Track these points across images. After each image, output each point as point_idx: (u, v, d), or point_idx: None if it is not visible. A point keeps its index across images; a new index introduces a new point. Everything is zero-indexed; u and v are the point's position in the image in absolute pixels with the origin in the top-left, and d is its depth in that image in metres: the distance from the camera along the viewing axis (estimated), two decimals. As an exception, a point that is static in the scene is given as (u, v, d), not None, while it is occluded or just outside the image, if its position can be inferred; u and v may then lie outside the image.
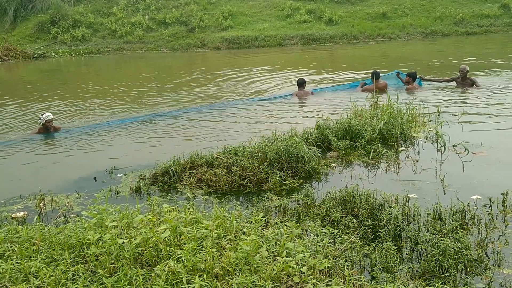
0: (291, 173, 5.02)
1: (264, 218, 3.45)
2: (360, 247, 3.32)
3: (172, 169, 5.16)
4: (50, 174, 5.96)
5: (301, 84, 9.48)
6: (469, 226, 3.71)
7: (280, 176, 4.87)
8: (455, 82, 9.64)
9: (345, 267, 2.94)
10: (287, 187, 4.81)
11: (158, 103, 9.96)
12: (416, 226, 3.71)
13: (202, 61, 18.50)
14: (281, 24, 22.78)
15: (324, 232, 3.34)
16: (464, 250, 3.14)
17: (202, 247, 2.93)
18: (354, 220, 3.74)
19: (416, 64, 13.08)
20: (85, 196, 4.93)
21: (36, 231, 3.37)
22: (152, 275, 2.70)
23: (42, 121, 7.59)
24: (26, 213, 4.54)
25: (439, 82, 9.96)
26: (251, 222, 3.38)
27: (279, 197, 4.55)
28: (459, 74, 9.49)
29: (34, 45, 22.11)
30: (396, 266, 3.12)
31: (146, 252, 2.93)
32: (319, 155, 5.41)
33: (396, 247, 3.34)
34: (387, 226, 3.58)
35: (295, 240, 3.11)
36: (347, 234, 3.49)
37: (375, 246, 3.35)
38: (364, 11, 23.26)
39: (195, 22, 23.00)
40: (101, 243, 2.95)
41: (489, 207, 4.03)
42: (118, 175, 5.53)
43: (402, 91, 9.38)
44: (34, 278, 2.74)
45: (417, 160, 5.50)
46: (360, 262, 3.21)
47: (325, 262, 2.81)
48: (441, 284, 2.73)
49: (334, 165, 5.44)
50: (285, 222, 3.51)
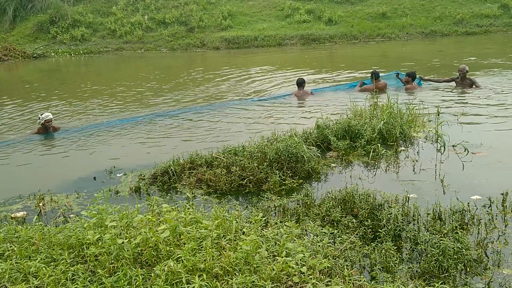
0: (290, 173, 5.02)
1: (263, 218, 3.45)
2: (360, 247, 3.32)
3: (171, 169, 5.16)
4: (49, 174, 5.95)
5: (300, 84, 9.48)
6: (468, 226, 3.71)
7: (279, 176, 4.87)
8: (454, 82, 9.65)
9: (345, 267, 2.94)
10: (286, 187, 4.81)
11: (157, 103, 9.95)
12: (416, 226, 3.71)
13: (202, 61, 18.50)
14: (280, 24, 22.79)
15: (324, 232, 3.34)
16: (463, 250, 3.14)
17: (201, 247, 2.93)
18: (354, 220, 3.73)
19: (416, 64, 13.09)
20: (84, 196, 4.92)
21: (35, 231, 3.36)
22: (152, 275, 2.69)
23: (41, 121, 7.57)
24: (25, 213, 4.54)
25: (438, 82, 9.97)
26: (250, 222, 3.38)
27: (278, 197, 4.55)
28: (458, 74, 9.50)
29: (33, 45, 22.09)
30: (395, 266, 3.12)
31: (146, 252, 2.92)
32: (319, 155, 5.41)
33: (395, 247, 3.34)
34: (387, 226, 3.58)
35: (294, 240, 3.11)
36: (347, 234, 3.49)
37: (374, 246, 3.35)
38: (363, 11, 23.28)
39: (195, 22, 23.00)
40: (100, 243, 2.95)
41: (488, 207, 4.04)
42: (118, 175, 5.53)
43: (401, 91, 9.39)
44: (33, 278, 2.73)
45: (416, 160, 5.50)
46: (359, 262, 3.21)
47: (324, 262, 2.81)
48: (441, 284, 2.73)
49: (333, 165, 5.44)
50: (285, 222, 3.51)
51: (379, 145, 5.70)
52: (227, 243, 3.03)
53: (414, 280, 3.00)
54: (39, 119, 7.62)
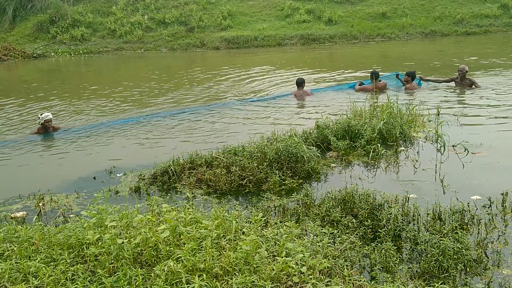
0: (290, 173, 5.02)
1: (263, 218, 3.45)
2: (360, 247, 3.32)
3: (171, 169, 5.16)
4: (49, 174, 5.95)
5: (300, 83, 9.47)
6: (468, 226, 3.71)
7: (279, 176, 4.87)
8: (454, 83, 9.65)
9: (345, 267, 2.94)
10: (286, 187, 4.81)
11: (157, 103, 9.94)
12: (416, 226, 3.71)
13: (202, 61, 18.49)
14: (280, 24, 22.78)
15: (324, 232, 3.34)
16: (463, 250, 3.14)
17: (201, 247, 2.93)
18: (354, 220, 3.73)
19: (416, 64, 13.09)
20: (84, 196, 4.92)
21: (35, 231, 3.36)
22: (152, 275, 2.69)
23: (41, 121, 7.55)
24: (25, 213, 4.54)
25: (438, 82, 9.97)
26: (250, 222, 3.37)
27: (278, 197, 4.55)
28: (458, 74, 9.50)
29: (33, 44, 22.08)
30: (395, 266, 3.12)
31: (146, 252, 2.92)
32: (319, 155, 5.41)
33: (395, 247, 3.34)
34: (387, 226, 3.58)
35: (294, 240, 3.11)
36: (347, 234, 3.49)
37: (374, 246, 3.35)
38: (363, 11, 23.27)
39: (195, 22, 22.99)
40: (100, 243, 2.94)
41: (488, 207, 4.04)
42: (118, 175, 5.53)
43: (401, 91, 9.39)
44: (33, 278, 2.73)
45: (416, 160, 5.50)
46: (359, 262, 3.21)
47: (324, 262, 2.81)
48: (441, 284, 2.73)
49: (333, 165, 5.44)
50: (285, 222, 3.51)
51: (379, 145, 5.70)
52: (227, 243, 3.03)
53: (414, 280, 3.00)
54: (38, 119, 7.61)
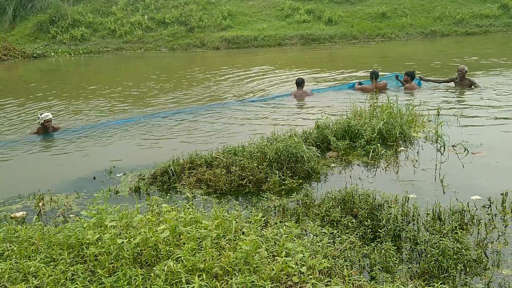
0: (290, 173, 5.02)
1: (263, 218, 3.45)
2: (360, 247, 3.32)
3: (171, 169, 5.16)
4: (49, 174, 5.95)
5: (299, 83, 9.46)
6: (468, 226, 3.71)
7: (279, 176, 4.87)
8: (453, 83, 9.65)
9: (345, 267, 2.94)
10: (286, 187, 4.81)
11: (157, 103, 9.94)
12: (416, 226, 3.71)
13: (202, 61, 18.49)
14: (280, 24, 22.78)
15: (324, 232, 3.34)
16: (463, 250, 3.14)
17: (201, 247, 2.93)
18: (354, 220, 3.73)
19: (416, 64, 13.09)
20: (84, 196, 4.92)
21: (35, 231, 3.36)
22: (152, 275, 2.69)
23: (41, 121, 7.54)
24: (25, 213, 4.54)
25: (438, 82, 9.97)
26: (250, 222, 3.38)
27: (278, 197, 4.55)
28: (457, 75, 9.50)
29: (33, 44, 22.08)
30: (395, 266, 3.12)
31: (146, 252, 2.92)
32: (319, 155, 5.41)
33: (395, 247, 3.34)
34: (387, 226, 3.58)
35: (294, 240, 3.11)
36: (347, 234, 3.49)
37: (374, 246, 3.35)
38: (363, 11, 23.28)
39: (195, 22, 22.99)
40: (100, 243, 2.94)
41: (488, 208, 4.04)
42: (118, 175, 5.53)
43: (401, 91, 9.40)
44: (33, 278, 2.73)
45: (416, 160, 5.50)
46: (359, 262, 3.21)
47: (324, 262, 2.81)
48: (441, 284, 2.73)
49: (333, 165, 5.44)
50: (285, 222, 3.51)
51: (378, 145, 5.70)
52: (226, 243, 3.03)
53: (413, 280, 3.00)
54: (38, 119, 7.60)
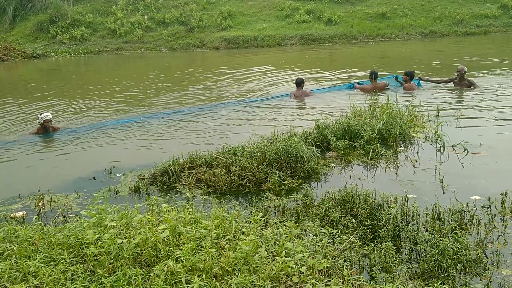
0: (290, 173, 5.02)
1: (263, 218, 3.45)
2: (359, 247, 3.32)
3: (171, 169, 5.16)
4: (49, 174, 5.95)
5: (299, 83, 9.46)
6: (468, 226, 3.72)
7: (279, 176, 4.87)
8: (452, 83, 9.66)
9: (344, 267, 2.94)
10: (286, 187, 4.81)
11: (157, 103, 9.95)
12: (415, 226, 3.71)
13: (202, 61, 18.49)
14: (280, 24, 22.79)
15: (323, 232, 3.34)
16: (463, 251, 3.14)
17: (201, 247, 2.93)
18: (353, 220, 3.74)
19: (416, 64, 13.09)
20: (84, 196, 4.92)
21: (35, 230, 3.37)
22: (151, 275, 2.69)
23: (41, 121, 7.53)
24: (25, 212, 4.54)
25: (437, 82, 9.98)
26: (250, 222, 3.38)
27: (278, 197, 4.55)
28: (456, 75, 9.50)
29: (33, 44, 22.08)
30: (395, 266, 3.12)
31: (145, 252, 2.92)
32: (318, 155, 5.41)
33: (395, 247, 3.34)
34: (386, 226, 3.58)
35: (294, 240, 3.11)
36: (346, 234, 3.49)
37: (374, 246, 3.35)
38: (363, 11, 23.28)
39: (195, 22, 22.99)
40: (100, 243, 2.95)
41: (488, 208, 4.04)
42: (117, 175, 5.53)
43: (400, 91, 9.40)
44: (33, 278, 2.73)
45: (416, 160, 5.50)
46: (359, 262, 3.21)
47: (324, 262, 2.81)
48: (440, 284, 2.73)
49: (333, 165, 5.44)
50: (284, 222, 3.51)
51: (378, 145, 5.70)
52: (226, 243, 3.03)
53: (413, 280, 3.00)
54: (38, 119, 7.59)
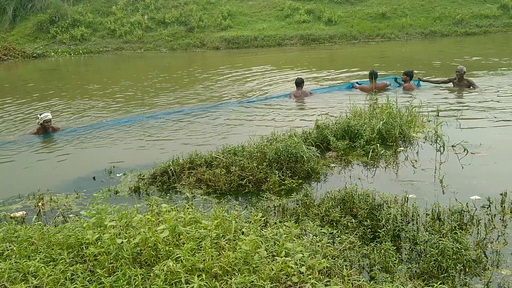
0: (290, 173, 5.02)
1: (263, 218, 3.45)
2: (359, 247, 3.32)
3: (171, 169, 5.16)
4: (49, 174, 5.95)
5: (299, 83, 9.45)
6: (468, 226, 3.72)
7: (279, 176, 4.87)
8: (452, 83, 9.66)
9: (344, 267, 2.94)
10: (286, 187, 4.81)
11: (157, 103, 9.95)
12: (415, 226, 3.71)
13: (201, 61, 18.49)
14: (280, 24, 22.78)
15: (323, 232, 3.34)
16: (463, 251, 3.14)
17: (201, 247, 2.93)
18: (353, 220, 3.74)
19: (416, 64, 13.07)
20: (84, 196, 4.92)
21: (34, 230, 3.36)
22: (151, 274, 2.69)
23: (40, 121, 7.52)
24: (24, 212, 4.54)
25: (437, 83, 9.98)
26: (250, 222, 3.38)
27: (278, 197, 4.55)
28: (456, 75, 9.50)
29: (33, 44, 22.07)
30: (395, 266, 3.12)
31: (145, 252, 2.92)
32: (318, 155, 5.41)
33: (395, 247, 3.34)
34: (386, 226, 3.58)
35: (294, 240, 3.11)
36: (346, 234, 3.49)
37: (374, 246, 3.35)
38: (363, 11, 23.28)
39: (195, 22, 22.99)
40: (100, 242, 2.94)
41: (488, 208, 4.04)
42: (117, 175, 5.53)
43: (399, 91, 9.40)
44: (32, 278, 2.73)
45: (416, 160, 5.50)
46: (359, 262, 3.21)
47: (324, 262, 2.81)
48: (440, 284, 2.73)
49: (333, 165, 5.44)
50: (284, 222, 3.51)
51: (378, 145, 5.70)
52: (226, 243, 3.03)
53: (413, 280, 3.00)
54: (38, 119, 7.58)
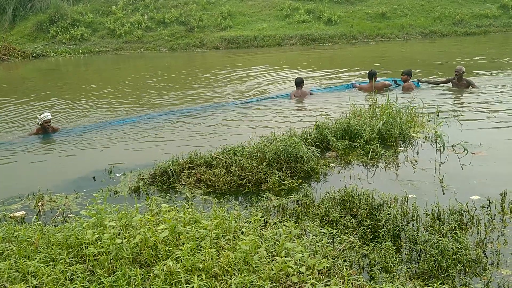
0: (290, 173, 5.02)
1: (263, 218, 3.45)
2: (359, 247, 3.32)
3: (171, 169, 5.16)
4: (48, 173, 5.95)
5: (299, 83, 9.44)
6: (468, 226, 3.71)
7: (279, 176, 4.87)
8: (451, 83, 9.65)
9: (344, 267, 2.94)
10: (286, 187, 4.81)
11: (157, 103, 9.95)
12: (415, 226, 3.71)
13: (201, 61, 18.49)
14: (280, 24, 22.79)
15: (323, 232, 3.34)
16: (463, 251, 3.14)
17: (200, 247, 2.93)
18: (353, 220, 3.74)
19: (416, 64, 13.07)
20: (84, 196, 4.92)
21: (34, 230, 3.36)
22: (151, 274, 2.69)
23: (40, 121, 7.50)
24: (24, 212, 4.54)
25: (436, 83, 9.98)
26: (250, 222, 3.38)
27: (278, 197, 4.55)
28: (455, 75, 9.50)
29: (33, 44, 22.08)
30: (395, 266, 3.12)
31: (145, 252, 2.92)
32: (318, 155, 5.41)
33: (395, 247, 3.34)
34: (386, 226, 3.58)
35: (293, 240, 3.11)
36: (346, 234, 3.49)
37: (374, 246, 3.35)
38: (363, 11, 23.28)
39: (194, 22, 22.99)
40: (99, 242, 2.94)
41: (487, 208, 4.04)
42: (117, 174, 5.53)
43: (398, 91, 9.40)
44: (32, 278, 2.73)
45: (416, 160, 5.50)
46: (359, 262, 3.21)
47: (323, 262, 2.81)
48: (440, 284, 2.73)
49: (333, 165, 5.44)
50: (284, 222, 3.50)
51: (378, 145, 5.70)
52: (226, 243, 3.03)
53: (413, 280, 3.00)
54: (37, 119, 7.57)
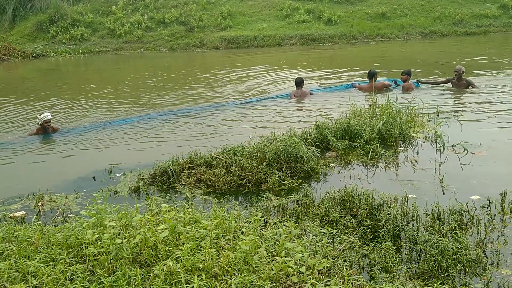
0: (290, 173, 5.02)
1: (263, 218, 3.45)
2: (359, 247, 3.32)
3: (171, 169, 5.16)
4: (48, 173, 5.95)
5: (299, 83, 9.44)
6: (468, 226, 3.71)
7: (279, 176, 4.87)
8: (450, 84, 9.65)
9: (344, 267, 2.94)
10: (286, 187, 4.81)
11: (157, 103, 9.95)
12: (415, 226, 3.71)
13: (201, 61, 18.48)
14: (280, 24, 22.78)
15: (323, 232, 3.34)
16: (463, 251, 3.14)
17: (200, 247, 2.93)
18: (353, 220, 3.74)
19: (416, 64, 13.07)
20: (83, 196, 4.92)
21: (34, 230, 3.36)
22: (151, 274, 2.69)
23: (40, 121, 7.50)
24: (24, 212, 4.54)
25: (436, 83, 9.98)
26: (250, 222, 3.38)
27: (278, 197, 4.55)
28: (454, 75, 9.49)
29: (33, 44, 22.07)
30: (395, 266, 3.12)
31: (145, 252, 2.92)
32: (318, 155, 5.41)
33: (395, 247, 3.34)
34: (386, 226, 3.58)
35: (293, 240, 3.11)
36: (346, 234, 3.49)
37: (374, 246, 3.35)
38: (363, 11, 23.28)
39: (194, 22, 22.99)
40: (99, 242, 2.94)
41: (487, 208, 4.04)
42: (117, 174, 5.53)
43: (398, 91, 9.40)
44: (32, 278, 2.73)
45: (416, 160, 5.50)
46: (359, 262, 3.21)
47: (323, 262, 2.81)
48: (440, 284, 2.73)
49: (333, 165, 5.44)
50: (284, 222, 3.50)
51: (378, 145, 5.70)
52: (226, 243, 3.03)
53: (413, 280, 3.00)
54: (38, 119, 7.57)
